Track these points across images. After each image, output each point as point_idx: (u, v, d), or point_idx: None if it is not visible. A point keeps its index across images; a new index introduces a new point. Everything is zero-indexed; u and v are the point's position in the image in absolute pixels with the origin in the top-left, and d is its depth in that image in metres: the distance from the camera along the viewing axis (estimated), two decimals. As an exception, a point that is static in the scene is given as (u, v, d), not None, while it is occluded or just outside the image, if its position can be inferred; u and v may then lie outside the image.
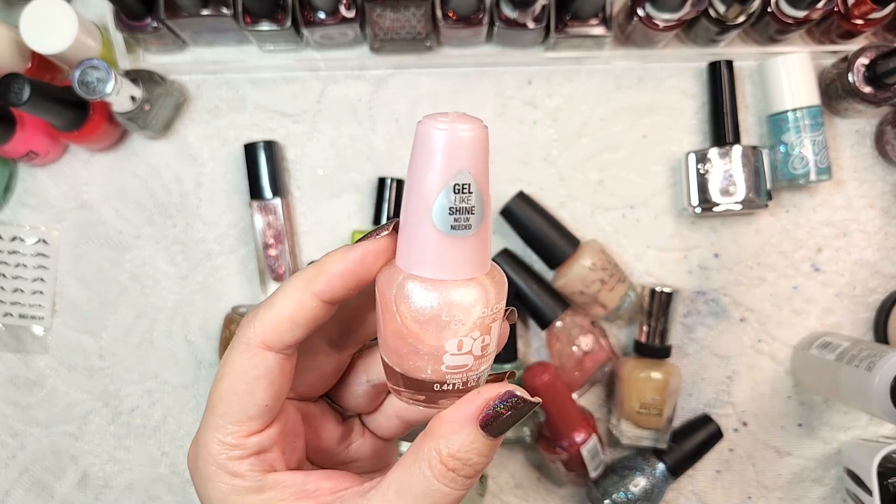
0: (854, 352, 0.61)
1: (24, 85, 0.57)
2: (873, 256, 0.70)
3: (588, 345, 0.65)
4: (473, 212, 0.25)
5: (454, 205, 0.25)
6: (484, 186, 0.26)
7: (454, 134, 0.24)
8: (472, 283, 0.26)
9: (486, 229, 0.26)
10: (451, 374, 0.27)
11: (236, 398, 0.28)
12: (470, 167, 0.25)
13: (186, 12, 0.63)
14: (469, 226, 0.25)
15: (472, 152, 0.25)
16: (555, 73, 0.70)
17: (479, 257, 0.26)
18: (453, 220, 0.25)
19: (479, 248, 0.26)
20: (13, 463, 0.72)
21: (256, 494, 0.28)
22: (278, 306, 0.28)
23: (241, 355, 0.28)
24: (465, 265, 0.26)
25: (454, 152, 0.25)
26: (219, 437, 0.28)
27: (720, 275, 0.70)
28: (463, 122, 0.25)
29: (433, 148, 0.25)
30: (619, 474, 0.66)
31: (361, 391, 0.33)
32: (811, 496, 0.71)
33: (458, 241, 0.25)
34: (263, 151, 0.68)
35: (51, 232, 0.71)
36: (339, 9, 0.63)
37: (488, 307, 0.26)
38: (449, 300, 0.25)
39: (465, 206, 0.25)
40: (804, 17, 0.64)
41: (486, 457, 0.27)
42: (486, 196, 0.26)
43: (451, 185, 0.25)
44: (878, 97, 0.65)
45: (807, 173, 0.66)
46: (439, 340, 0.26)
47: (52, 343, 0.71)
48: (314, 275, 0.28)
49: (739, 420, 0.70)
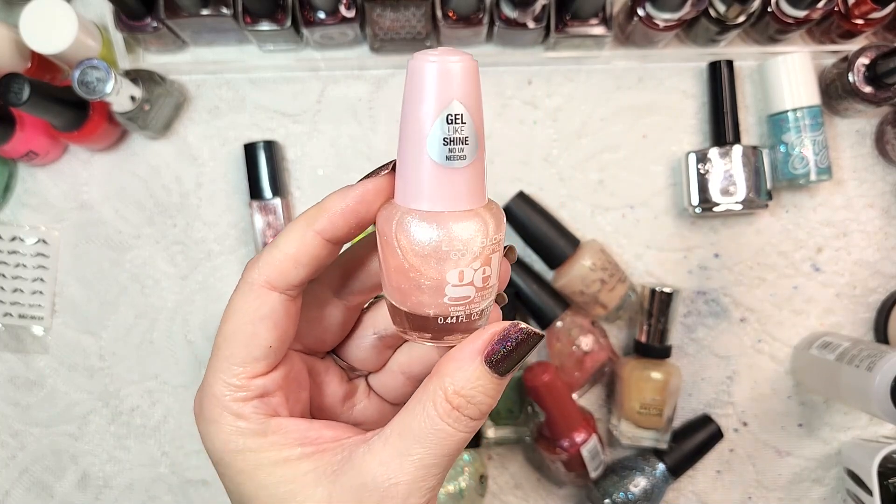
0: (854, 352, 0.61)
1: (23, 85, 0.57)
2: (873, 256, 0.70)
3: (588, 345, 0.65)
4: (467, 142, 0.25)
5: (448, 135, 0.25)
6: (477, 118, 0.26)
7: (444, 66, 0.25)
8: (470, 215, 0.26)
9: (481, 162, 0.26)
10: (454, 307, 0.26)
11: (241, 339, 0.28)
12: (462, 97, 0.25)
13: (186, 12, 0.63)
14: (464, 156, 0.25)
15: (463, 83, 0.25)
16: (555, 73, 0.70)
17: (475, 189, 0.26)
18: (448, 150, 0.25)
19: (476, 179, 0.26)
20: (13, 463, 0.72)
21: (259, 437, 0.28)
22: (281, 246, 0.28)
23: (245, 296, 0.28)
24: (462, 196, 0.26)
25: (445, 84, 0.25)
26: (223, 378, 0.28)
27: (720, 275, 0.70)
28: (452, 54, 0.25)
29: (424, 81, 0.25)
30: (619, 474, 0.66)
31: (368, 344, 0.33)
32: (811, 496, 0.71)
33: (454, 171, 0.26)
34: (263, 151, 0.68)
35: (51, 232, 0.71)
36: (339, 9, 0.63)
37: (487, 238, 0.26)
38: (448, 231, 0.26)
39: (459, 137, 0.25)
40: (804, 16, 0.64)
41: (492, 397, 0.27)
42: (480, 129, 0.26)
43: (444, 115, 0.25)
44: (878, 97, 0.65)
45: (807, 173, 0.66)
46: (440, 272, 0.26)
47: (52, 343, 0.71)
48: (315, 214, 0.28)
49: (740, 420, 0.70)
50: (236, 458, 0.28)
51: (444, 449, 0.26)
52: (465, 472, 0.65)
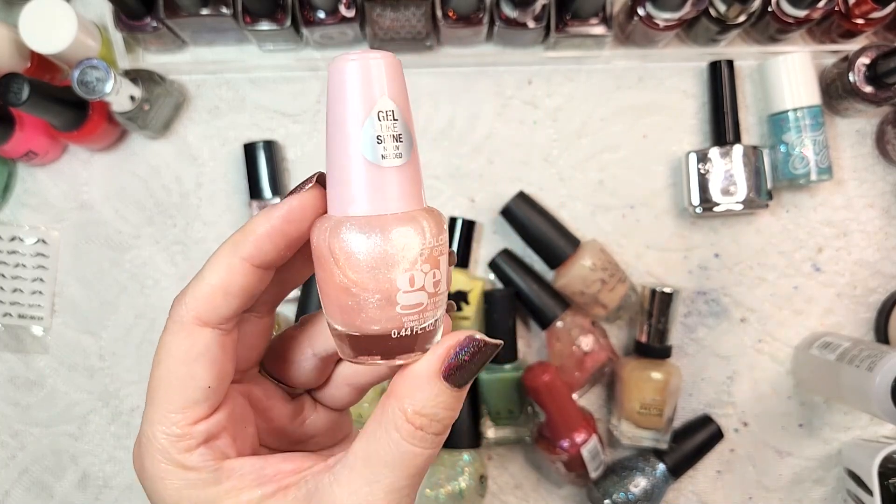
0: (855, 352, 0.61)
1: (23, 85, 0.57)
2: (874, 256, 0.70)
3: (588, 345, 0.65)
4: (401, 139, 0.24)
5: (381, 133, 0.24)
6: (407, 115, 0.25)
7: (367, 63, 0.24)
8: (412, 216, 0.25)
9: (417, 162, 0.25)
10: (407, 317, 0.25)
11: (176, 383, 0.26)
12: (391, 94, 0.24)
13: (186, 12, 0.63)
14: (400, 154, 0.24)
15: (389, 79, 0.24)
16: (555, 73, 0.70)
17: (414, 190, 0.25)
18: (383, 148, 0.24)
19: (414, 179, 0.25)
20: (13, 463, 0.72)
21: (213, 486, 0.26)
22: (208, 278, 0.26)
23: (175, 336, 0.26)
24: (404, 197, 0.25)
25: (371, 80, 0.24)
26: (162, 429, 0.26)
27: (720, 275, 0.70)
28: (373, 53, 0.24)
29: (349, 80, 0.24)
30: (619, 475, 0.66)
31: (309, 366, 0.31)
32: (812, 496, 0.70)
33: (391, 171, 0.24)
34: (263, 151, 0.67)
35: (50, 232, 0.71)
36: (338, 8, 0.63)
37: (435, 238, 0.25)
38: (392, 234, 0.24)
39: (393, 134, 0.24)
40: (805, 16, 0.64)
41: (454, 410, 0.26)
42: (411, 126, 0.25)
43: (375, 112, 0.24)
44: (878, 97, 0.65)
45: (807, 173, 0.66)
46: (389, 280, 0.24)
47: (52, 343, 0.71)
48: (240, 239, 0.26)
49: (740, 420, 0.70)
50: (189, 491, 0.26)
51: (412, 469, 0.25)
52: (465, 473, 0.64)
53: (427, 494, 0.65)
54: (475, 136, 0.70)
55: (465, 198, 0.70)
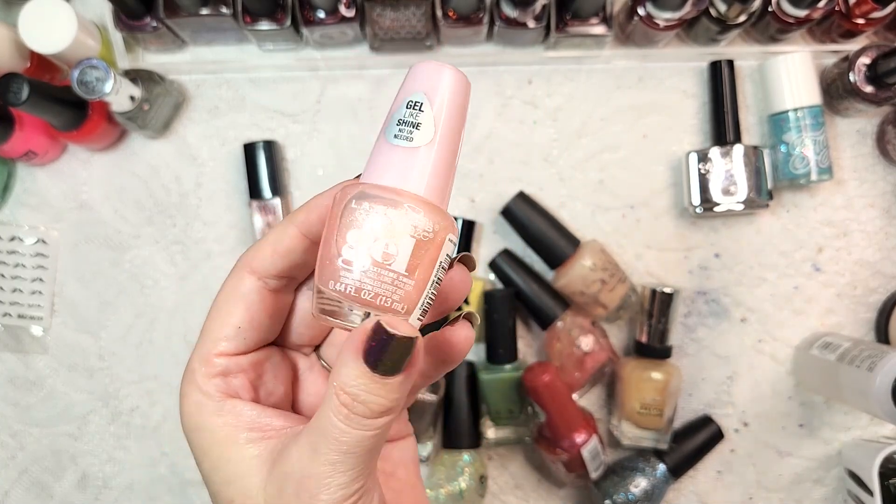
0: (855, 352, 0.61)
1: (22, 84, 0.57)
2: (874, 256, 0.70)
3: (588, 345, 0.65)
4: (420, 129, 0.26)
5: (403, 117, 0.26)
6: (447, 123, 0.26)
7: (432, 66, 0.26)
8: (399, 193, 0.26)
9: (432, 156, 0.26)
10: (343, 272, 0.25)
11: (216, 316, 0.30)
12: (429, 92, 0.26)
13: (186, 12, 0.63)
14: (410, 138, 0.26)
15: (441, 85, 0.26)
16: (555, 73, 0.70)
17: (412, 174, 0.26)
18: (398, 129, 0.26)
19: (420, 167, 0.26)
20: (13, 463, 0.72)
21: (215, 416, 0.29)
22: (267, 237, 0.30)
23: (230, 278, 0.30)
24: (395, 174, 0.26)
25: (424, 78, 0.26)
26: (196, 355, 0.29)
27: (721, 275, 0.70)
28: (450, 66, 0.27)
29: (412, 76, 0.27)
30: (619, 475, 0.66)
31: (307, 321, 0.33)
32: (812, 497, 0.70)
33: (396, 149, 0.26)
34: (263, 151, 0.67)
35: (50, 232, 0.71)
36: (338, 8, 0.63)
37: (407, 220, 0.25)
38: (384, 203, 0.25)
39: (413, 121, 0.26)
40: (805, 16, 0.64)
41: (382, 396, 0.25)
42: (448, 131, 0.27)
43: (406, 100, 0.26)
44: (879, 97, 0.65)
45: (808, 173, 0.66)
46: (342, 232, 0.26)
47: (52, 343, 0.71)
48: (298, 210, 0.29)
49: (740, 420, 0.70)
50: (196, 435, 0.29)
51: (343, 446, 0.25)
52: (465, 473, 0.64)
53: (427, 494, 0.65)
54: (475, 135, 0.70)
55: (465, 198, 0.70)
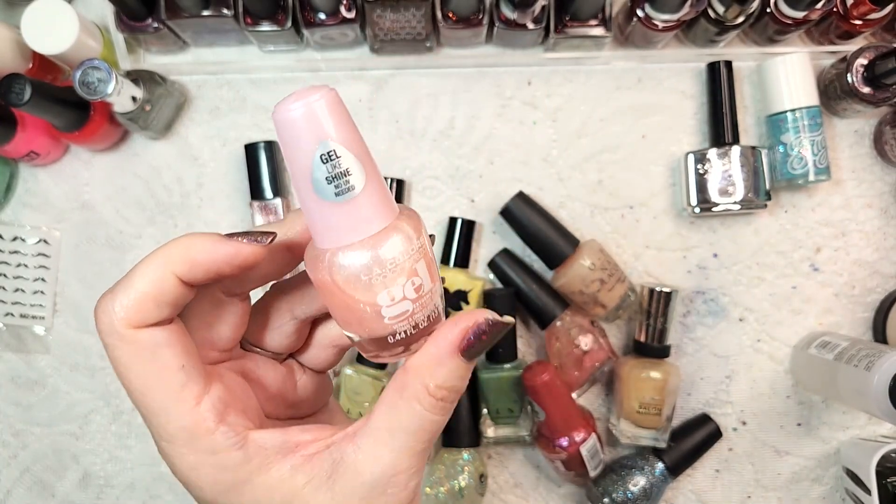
0: (853, 351, 0.61)
1: (25, 85, 0.57)
2: (872, 256, 0.70)
3: (587, 344, 0.65)
4: (350, 172, 0.26)
5: (328, 174, 0.26)
6: (352, 144, 0.26)
7: (301, 110, 0.25)
8: (384, 233, 0.27)
9: (375, 181, 0.27)
10: (397, 324, 0.28)
11: (153, 382, 0.26)
12: (329, 134, 0.25)
13: (187, 13, 0.63)
14: (351, 187, 0.26)
15: (325, 119, 0.25)
16: (554, 74, 0.70)
17: (378, 208, 0.27)
18: (335, 187, 0.26)
19: (374, 199, 0.27)
20: (14, 462, 0.72)
21: (244, 465, 0.27)
22: (137, 285, 0.26)
23: (120, 351, 0.26)
24: (369, 219, 0.27)
25: (308, 126, 0.25)
26: (172, 428, 0.26)
27: (719, 275, 0.70)
28: (308, 94, 0.25)
29: (290, 130, 0.25)
30: (618, 473, 0.66)
31: (290, 329, 0.32)
32: (810, 495, 0.71)
33: (349, 203, 0.26)
34: (264, 152, 0.68)
35: (52, 232, 0.71)
36: (339, 9, 0.63)
37: (411, 246, 0.27)
38: (369, 256, 0.26)
39: (340, 171, 0.26)
40: (803, 17, 0.64)
41: (465, 379, 0.29)
42: (361, 150, 0.26)
43: (316, 156, 0.25)
44: (876, 97, 0.65)
45: (806, 173, 0.66)
46: (371, 297, 0.27)
47: (54, 343, 0.72)
48: (177, 255, 0.26)
49: (738, 419, 0.71)
50: (230, 497, 0.27)
51: (430, 434, 0.29)
52: (464, 471, 0.65)
53: (427, 493, 0.65)
54: (475, 136, 0.70)
55: (465, 198, 0.71)
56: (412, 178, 0.71)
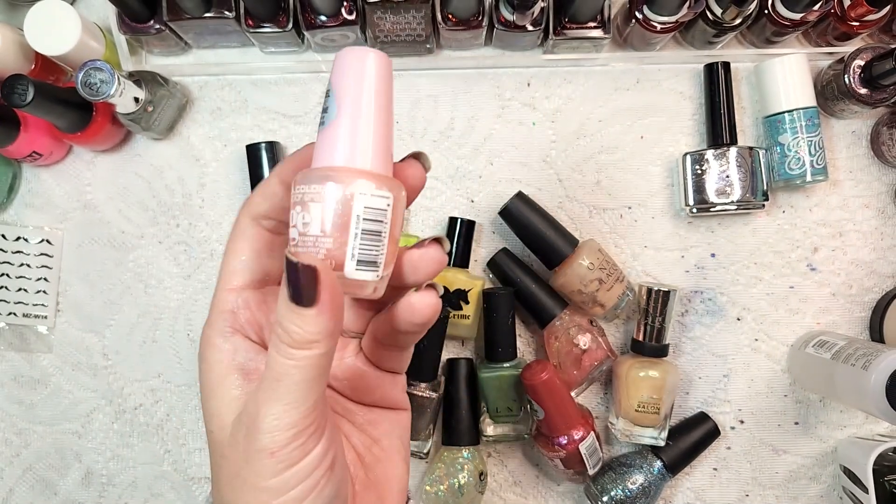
0: (850, 351, 0.61)
1: (27, 86, 0.58)
2: (869, 256, 0.71)
3: (586, 343, 0.66)
4: (327, 111, 0.30)
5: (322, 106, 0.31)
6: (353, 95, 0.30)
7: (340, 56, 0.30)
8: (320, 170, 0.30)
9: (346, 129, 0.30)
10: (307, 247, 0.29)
11: (226, 257, 0.34)
12: (334, 80, 0.30)
13: (189, 15, 0.63)
14: (324, 122, 0.30)
15: (346, 67, 0.30)
16: (553, 75, 0.71)
17: (324, 148, 0.30)
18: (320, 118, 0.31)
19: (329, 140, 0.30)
20: (17, 461, 0.72)
21: (216, 350, 0.32)
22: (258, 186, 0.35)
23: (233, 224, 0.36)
24: (319, 154, 0.30)
25: (334, 70, 0.30)
26: (215, 291, 0.33)
27: (717, 274, 0.71)
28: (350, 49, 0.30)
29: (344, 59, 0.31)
30: (616, 472, 0.67)
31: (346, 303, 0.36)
32: (808, 494, 0.71)
33: (319, 133, 0.31)
34: (265, 152, 0.68)
35: (54, 232, 0.71)
36: (340, 11, 0.64)
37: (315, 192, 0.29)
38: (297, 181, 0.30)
39: (324, 107, 0.31)
40: (801, 19, 0.64)
41: (297, 326, 0.27)
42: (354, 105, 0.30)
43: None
44: (873, 98, 0.65)
45: (803, 174, 0.66)
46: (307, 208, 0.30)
47: (56, 342, 0.72)
48: (281, 167, 0.34)
49: (736, 418, 0.71)
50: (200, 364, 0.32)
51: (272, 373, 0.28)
52: (464, 469, 0.65)
53: (427, 490, 0.65)
54: (475, 137, 0.71)
55: (465, 198, 0.71)
56: (412, 179, 0.71)
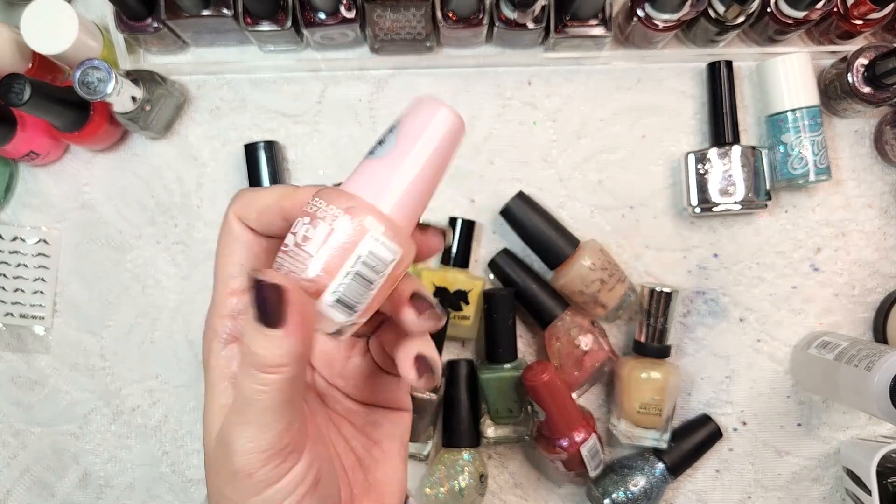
0: (853, 351, 0.61)
1: (24, 85, 0.57)
2: (872, 256, 0.70)
3: (588, 344, 0.65)
4: (382, 144, 0.32)
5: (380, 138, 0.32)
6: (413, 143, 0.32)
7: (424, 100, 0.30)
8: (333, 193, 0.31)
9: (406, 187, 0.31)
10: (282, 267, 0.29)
11: (220, 259, 0.32)
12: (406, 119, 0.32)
13: (187, 13, 0.63)
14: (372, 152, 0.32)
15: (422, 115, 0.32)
16: (554, 74, 0.70)
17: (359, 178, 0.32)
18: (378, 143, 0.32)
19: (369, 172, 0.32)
20: (15, 462, 0.72)
21: (214, 356, 0.30)
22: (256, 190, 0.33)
23: (222, 226, 0.33)
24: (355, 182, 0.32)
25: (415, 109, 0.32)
26: (212, 296, 0.32)
27: (719, 275, 0.70)
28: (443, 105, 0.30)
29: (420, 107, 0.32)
30: (618, 474, 0.66)
31: None
32: (810, 495, 0.71)
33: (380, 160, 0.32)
34: (264, 152, 0.68)
35: (52, 232, 0.71)
36: (339, 9, 0.63)
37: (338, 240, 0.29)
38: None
39: (381, 139, 0.32)
40: (803, 17, 0.64)
41: (263, 348, 0.26)
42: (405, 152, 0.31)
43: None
44: (876, 97, 0.65)
45: (806, 173, 0.66)
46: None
47: (54, 342, 0.72)
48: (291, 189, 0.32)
49: (739, 419, 0.71)
50: (204, 370, 0.31)
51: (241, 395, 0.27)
52: (464, 471, 0.65)
53: (427, 493, 0.65)
54: (475, 136, 0.70)
55: (465, 198, 0.71)
56: (412, 178, 0.71)
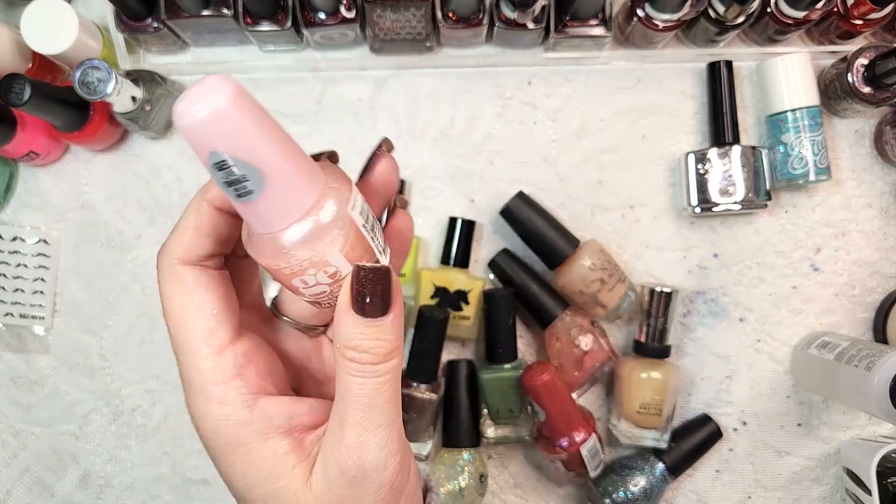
0: (853, 351, 0.61)
1: (24, 85, 0.57)
2: (872, 256, 0.70)
3: (588, 344, 0.65)
4: (247, 178, 0.25)
5: (225, 180, 0.25)
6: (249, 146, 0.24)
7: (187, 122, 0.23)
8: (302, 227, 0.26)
9: (279, 180, 0.25)
10: (320, 300, 0.28)
11: (187, 319, 0.28)
12: (216, 145, 0.24)
13: (187, 13, 0.63)
14: (250, 191, 0.25)
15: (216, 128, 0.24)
16: (554, 74, 0.70)
17: (277, 211, 0.26)
18: (234, 191, 0.25)
19: (272, 203, 0.26)
20: (14, 462, 0.72)
21: (244, 426, 0.28)
22: (182, 221, 0.28)
23: (168, 281, 0.28)
24: (267, 220, 0.26)
25: (196, 142, 0.24)
26: (194, 367, 0.28)
27: (719, 275, 0.70)
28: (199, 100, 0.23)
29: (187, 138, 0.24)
30: (618, 474, 0.66)
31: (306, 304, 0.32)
32: (810, 495, 0.71)
33: (250, 204, 0.26)
34: (264, 152, 0.67)
35: (51, 232, 0.71)
36: (339, 9, 0.63)
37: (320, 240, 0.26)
38: (270, 251, 0.26)
39: (234, 178, 0.25)
40: (803, 17, 0.64)
41: (377, 339, 0.26)
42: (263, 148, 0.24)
43: (212, 164, 0.25)
44: (876, 97, 0.65)
45: (806, 173, 0.66)
46: (286, 281, 0.27)
47: (53, 343, 0.71)
48: (206, 184, 0.28)
49: (739, 420, 0.71)
50: (230, 453, 0.28)
51: (363, 399, 0.26)
52: (464, 471, 0.65)
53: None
54: (475, 136, 0.70)
55: (465, 198, 0.71)
56: (412, 179, 0.71)
